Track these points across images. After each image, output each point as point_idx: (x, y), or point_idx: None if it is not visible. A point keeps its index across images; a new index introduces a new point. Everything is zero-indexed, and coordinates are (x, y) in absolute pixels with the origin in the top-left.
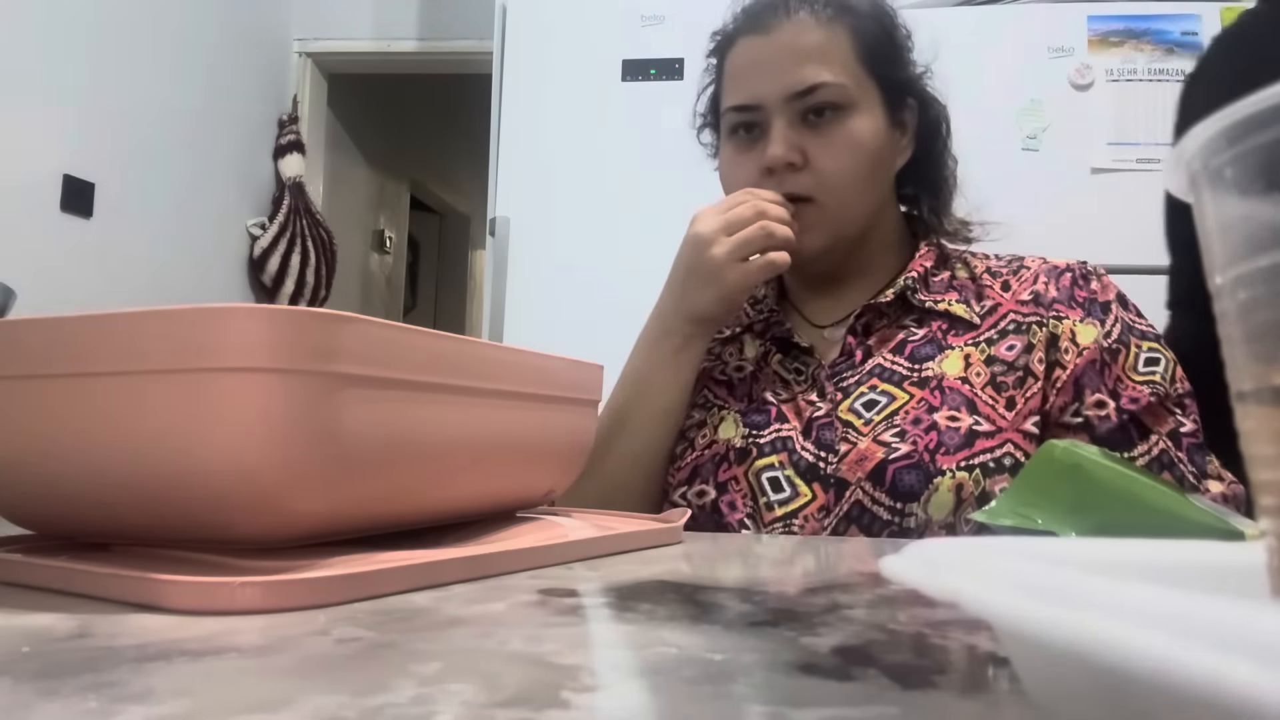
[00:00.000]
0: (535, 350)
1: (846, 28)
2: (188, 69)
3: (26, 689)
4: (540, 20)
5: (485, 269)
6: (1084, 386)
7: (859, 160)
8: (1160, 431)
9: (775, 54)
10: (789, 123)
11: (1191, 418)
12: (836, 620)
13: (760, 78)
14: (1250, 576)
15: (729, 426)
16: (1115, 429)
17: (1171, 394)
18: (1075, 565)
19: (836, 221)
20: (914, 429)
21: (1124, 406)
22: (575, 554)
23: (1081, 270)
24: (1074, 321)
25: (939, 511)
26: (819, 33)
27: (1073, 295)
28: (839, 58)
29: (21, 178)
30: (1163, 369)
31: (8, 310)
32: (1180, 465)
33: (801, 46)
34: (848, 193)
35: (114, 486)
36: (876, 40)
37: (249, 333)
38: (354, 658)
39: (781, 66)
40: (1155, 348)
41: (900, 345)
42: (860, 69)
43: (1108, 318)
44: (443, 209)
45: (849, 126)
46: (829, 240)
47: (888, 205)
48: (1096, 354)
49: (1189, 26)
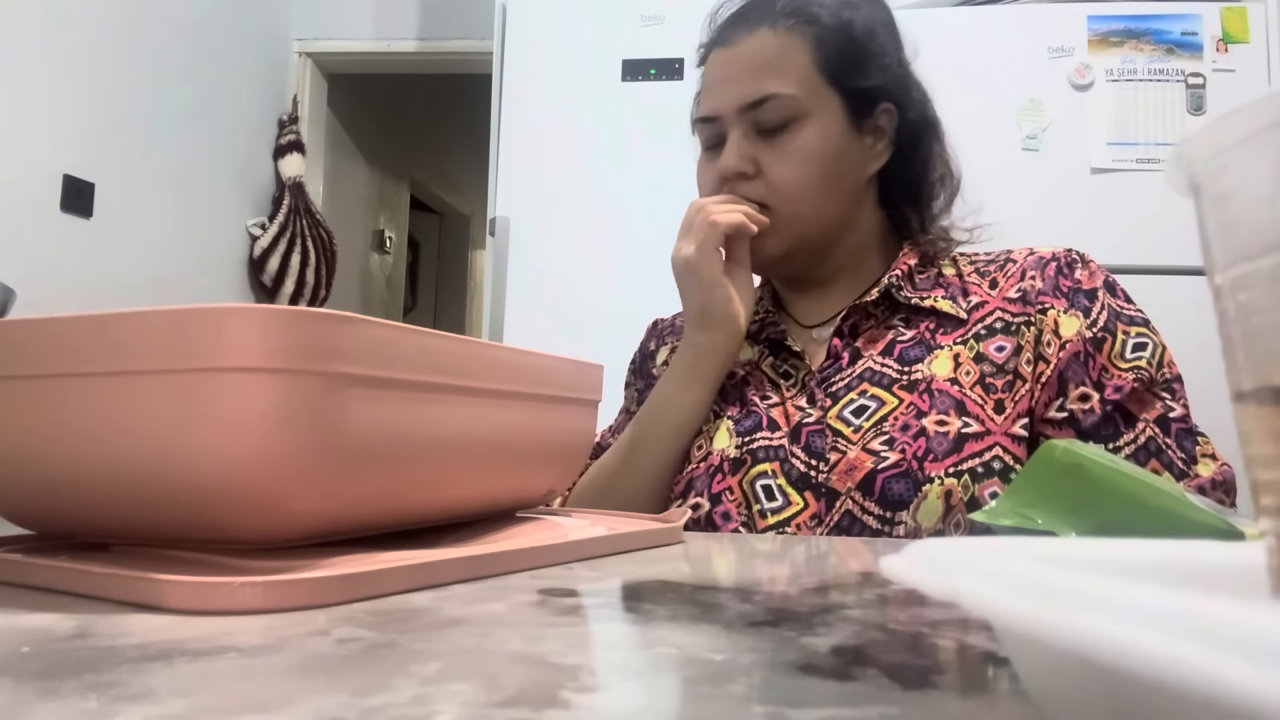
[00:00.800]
0: (535, 350)
1: (806, 38)
2: (188, 69)
3: (26, 689)
4: (540, 20)
5: (485, 269)
6: (1067, 380)
7: (811, 169)
8: (1147, 418)
9: (733, 67)
10: (744, 134)
11: (1181, 402)
12: (836, 620)
13: (719, 90)
14: (1250, 576)
15: (722, 436)
16: (1100, 421)
17: (1158, 379)
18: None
19: (792, 227)
20: (902, 436)
21: (1108, 397)
22: (575, 554)
23: (1067, 259)
24: (1058, 312)
25: (928, 519)
26: (774, 45)
27: (1057, 285)
28: (793, 70)
29: (21, 178)
30: (1150, 353)
31: (8, 310)
32: (1169, 451)
33: (758, 59)
34: (801, 202)
35: (114, 486)
36: (838, 50)
37: (249, 333)
38: (354, 658)
39: (737, 79)
40: (1143, 332)
41: (889, 346)
42: (818, 79)
43: (1094, 305)
44: (443, 209)
45: (800, 136)
46: (788, 245)
47: (863, 209)
48: (1080, 345)
49: (1189, 26)
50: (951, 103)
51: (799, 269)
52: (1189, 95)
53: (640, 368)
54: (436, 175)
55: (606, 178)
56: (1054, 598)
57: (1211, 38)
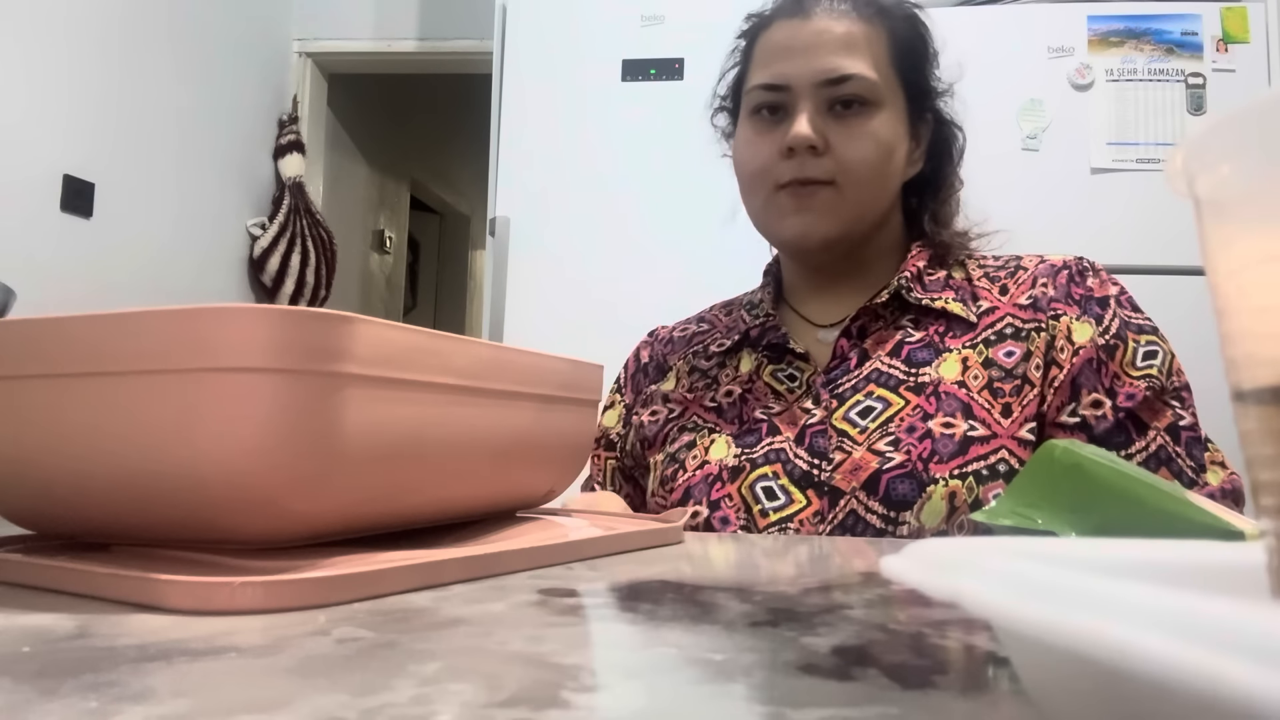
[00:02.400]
0: (535, 350)
1: (885, 28)
2: (188, 69)
3: (26, 689)
4: (540, 20)
5: (485, 269)
6: (1080, 386)
7: (879, 156)
8: (1158, 426)
9: (811, 38)
10: (815, 108)
11: (1190, 410)
12: (836, 620)
13: (792, 59)
14: (1250, 576)
15: (720, 447)
16: (1112, 428)
17: (1169, 387)
18: (1075, 565)
19: (853, 209)
20: (908, 437)
21: (1120, 404)
22: (575, 554)
23: (1078, 266)
24: (1070, 319)
25: (931, 519)
26: (859, 26)
27: (1069, 292)
28: (873, 54)
29: (21, 178)
30: (1160, 362)
31: (8, 310)
32: (1179, 460)
33: (839, 35)
34: (866, 186)
35: (114, 486)
36: (910, 46)
37: (249, 333)
38: (354, 658)
39: (816, 51)
40: (1153, 340)
41: (897, 347)
42: (891, 70)
43: (1105, 313)
44: (443, 209)
45: (873, 121)
46: (842, 228)
47: (894, 211)
48: (1093, 352)
49: (1189, 26)
50: (951, 103)
51: (835, 257)
52: (1189, 95)
53: (631, 378)
54: (436, 175)
55: (606, 178)
56: (1054, 598)
57: (1211, 38)
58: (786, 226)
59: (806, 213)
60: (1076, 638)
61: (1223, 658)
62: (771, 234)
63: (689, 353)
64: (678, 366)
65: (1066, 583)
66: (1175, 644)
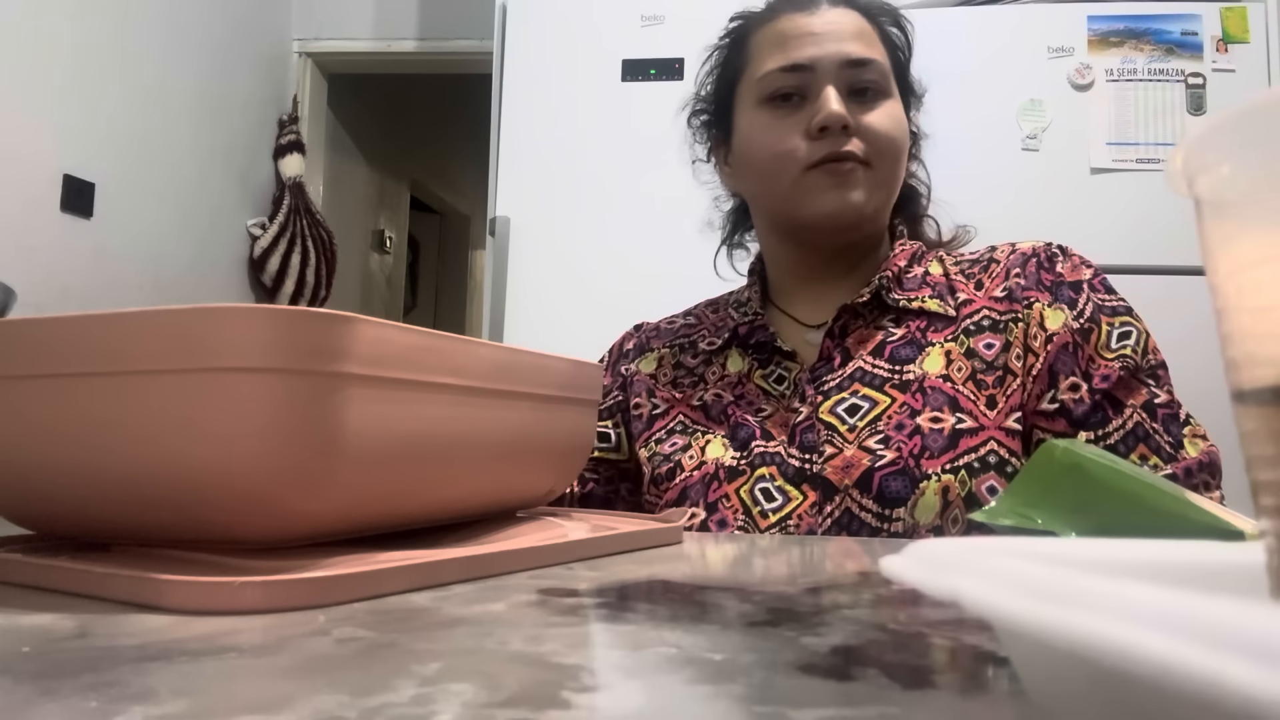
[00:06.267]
0: (535, 350)
1: (884, 30)
2: (188, 69)
3: (26, 689)
4: (540, 20)
5: (485, 269)
6: (1058, 372)
7: (901, 138)
8: (1134, 404)
9: (827, 26)
10: (838, 90)
11: (1165, 388)
12: (836, 620)
13: (814, 42)
14: (1250, 576)
15: (717, 447)
16: (1089, 410)
17: (1144, 366)
18: (1075, 565)
19: (884, 189)
20: (898, 435)
21: (1096, 386)
22: (575, 554)
23: (1047, 253)
24: (1043, 306)
25: (925, 515)
26: (865, 23)
27: (1039, 279)
28: (880, 53)
29: (21, 178)
30: (1134, 341)
31: (8, 310)
32: (1156, 436)
33: (852, 26)
34: (893, 166)
35: (114, 486)
36: (902, 53)
37: (249, 333)
38: (354, 658)
39: (835, 36)
40: (1127, 321)
41: (880, 347)
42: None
43: (1079, 298)
44: (443, 209)
45: (890, 104)
46: (875, 205)
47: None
48: (1068, 337)
49: (1189, 26)
50: (951, 103)
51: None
52: (1189, 95)
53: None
54: (436, 175)
55: (606, 178)
56: (1054, 598)
57: (1211, 38)
58: (825, 201)
59: (845, 188)
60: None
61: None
62: (802, 213)
63: (674, 343)
64: (660, 351)
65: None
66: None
